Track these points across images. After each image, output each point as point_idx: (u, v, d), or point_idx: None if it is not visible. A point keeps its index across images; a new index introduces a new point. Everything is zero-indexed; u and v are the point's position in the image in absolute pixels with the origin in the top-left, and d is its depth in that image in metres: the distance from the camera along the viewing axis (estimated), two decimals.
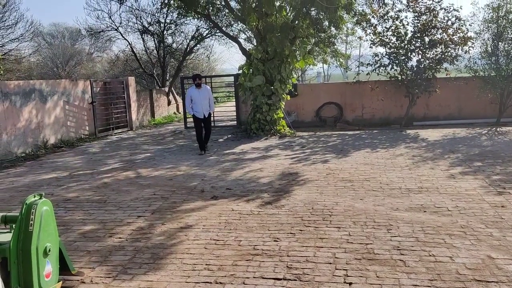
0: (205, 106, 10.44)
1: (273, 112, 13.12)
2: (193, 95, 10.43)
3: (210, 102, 10.57)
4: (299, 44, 12.71)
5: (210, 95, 10.67)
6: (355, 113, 15.50)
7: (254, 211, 5.85)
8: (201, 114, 10.47)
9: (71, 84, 14.04)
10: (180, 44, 22.61)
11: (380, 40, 14.76)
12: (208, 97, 10.54)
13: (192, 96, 10.44)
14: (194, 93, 10.43)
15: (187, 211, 6.02)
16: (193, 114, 10.52)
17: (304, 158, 9.56)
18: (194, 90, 10.45)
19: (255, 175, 8.02)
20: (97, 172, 8.94)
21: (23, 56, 23.64)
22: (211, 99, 10.64)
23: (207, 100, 10.48)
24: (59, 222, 5.69)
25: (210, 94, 10.67)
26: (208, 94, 10.58)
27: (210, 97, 10.61)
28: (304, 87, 17.02)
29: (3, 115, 10.96)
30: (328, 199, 6.30)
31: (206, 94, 10.50)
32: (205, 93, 10.52)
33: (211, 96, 10.74)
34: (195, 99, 10.42)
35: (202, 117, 10.49)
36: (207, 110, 10.53)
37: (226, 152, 10.67)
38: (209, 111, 10.63)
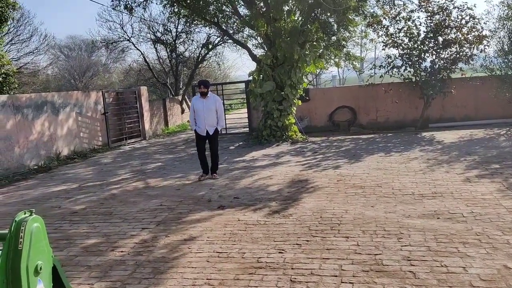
0: (209, 121, 8.39)
1: (284, 118, 12.97)
2: (196, 106, 8.48)
3: (218, 116, 8.46)
4: (309, 48, 12.55)
5: (219, 107, 8.49)
6: (369, 117, 15.23)
7: (260, 221, 5.69)
8: (203, 130, 8.43)
9: (83, 96, 14.13)
10: (193, 52, 22.68)
11: (392, 41, 14.52)
12: (215, 109, 8.39)
13: (195, 107, 8.49)
14: (197, 104, 8.48)
15: (192, 222, 5.89)
16: (195, 129, 8.60)
17: (315, 164, 9.36)
18: (198, 100, 8.53)
19: (264, 183, 7.86)
20: (106, 183, 8.90)
21: (38, 69, 23.97)
22: (220, 112, 8.48)
23: (213, 113, 8.39)
24: (63, 236, 5.64)
25: (218, 106, 8.47)
26: (215, 106, 8.40)
27: (218, 109, 8.44)
28: (317, 91, 16.83)
29: (15, 128, 11.04)
30: (337, 207, 6.11)
31: (211, 106, 8.38)
32: (211, 104, 8.39)
33: (220, 108, 8.54)
34: (197, 111, 8.43)
35: (205, 134, 8.46)
36: (212, 126, 8.43)
37: (236, 160, 10.54)
38: (215, 127, 8.49)
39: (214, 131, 8.46)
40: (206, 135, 8.44)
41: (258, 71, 13.19)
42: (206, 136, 8.45)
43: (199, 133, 8.50)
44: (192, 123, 8.65)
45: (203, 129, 8.44)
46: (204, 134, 8.44)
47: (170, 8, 14.68)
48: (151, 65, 22.65)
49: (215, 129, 8.47)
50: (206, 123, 8.40)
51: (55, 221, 6.35)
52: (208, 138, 8.49)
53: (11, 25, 20.16)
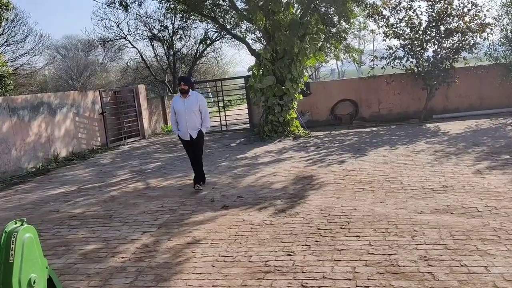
0: (191, 123, 7.26)
1: (286, 113, 12.72)
2: (176, 107, 7.34)
3: (203, 116, 7.37)
4: (309, 41, 12.28)
5: (202, 106, 7.35)
6: (371, 109, 14.98)
7: (266, 221, 5.46)
8: (185, 134, 7.33)
9: (80, 96, 13.86)
10: (190, 49, 22.41)
11: (393, 32, 14.25)
12: (198, 109, 7.29)
13: (175, 108, 7.36)
14: (177, 104, 7.34)
15: (195, 223, 5.66)
16: (178, 134, 7.54)
17: (319, 159, 9.13)
18: (178, 99, 7.38)
19: (268, 181, 7.63)
20: (105, 185, 8.67)
21: (34, 70, 23.69)
22: (204, 112, 7.37)
23: (195, 115, 7.28)
24: (61, 242, 5.41)
25: (201, 105, 7.34)
26: (198, 105, 7.29)
27: (202, 109, 7.33)
28: (317, 85, 16.56)
29: (11, 131, 10.80)
30: (345, 204, 5.87)
31: (194, 106, 7.24)
32: (193, 104, 7.25)
33: (204, 108, 7.38)
34: (178, 113, 7.34)
35: (188, 138, 7.35)
36: (195, 129, 7.30)
37: (238, 157, 10.29)
38: (199, 129, 7.37)
39: (197, 134, 7.36)
40: (190, 139, 7.36)
41: (257, 66, 12.93)
42: (190, 140, 7.38)
43: (182, 137, 7.43)
44: (174, 126, 7.55)
45: (185, 132, 7.33)
46: (188, 138, 7.35)
47: (165, 3, 14.40)
48: (148, 63, 22.37)
49: (198, 132, 7.37)
50: (188, 126, 7.28)
51: (53, 226, 6.12)
52: (191, 143, 7.42)
53: (5, 26, 19.90)
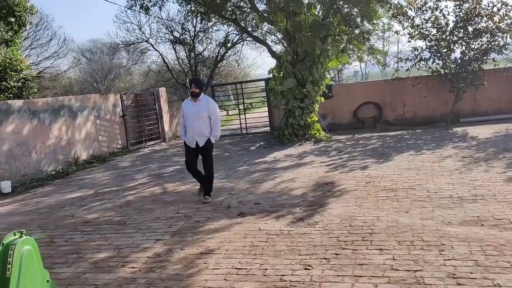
0: (198, 129, 6.69)
1: (307, 116, 12.44)
2: (185, 111, 6.86)
3: (212, 124, 6.78)
4: (331, 42, 11.98)
5: (212, 112, 6.76)
6: (395, 112, 14.54)
7: (283, 231, 5.21)
8: (191, 141, 6.77)
9: (101, 98, 13.88)
10: (212, 52, 22.31)
11: (419, 33, 13.83)
12: (207, 115, 6.71)
13: (184, 112, 6.89)
14: (186, 108, 6.85)
15: (210, 231, 5.46)
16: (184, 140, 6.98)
17: (341, 164, 8.82)
18: (188, 103, 6.89)
19: (287, 187, 7.37)
20: (123, 189, 8.56)
21: (58, 73, 24.00)
22: (214, 119, 6.77)
23: (203, 120, 6.70)
24: (73, 249, 5.28)
25: (212, 111, 6.75)
26: (208, 111, 6.71)
27: (212, 114, 6.75)
28: (340, 88, 16.21)
29: (31, 134, 10.83)
30: (368, 213, 5.58)
31: (202, 111, 6.69)
32: (202, 109, 6.70)
33: (214, 114, 6.79)
34: (186, 117, 6.83)
35: (194, 146, 6.78)
36: (202, 136, 6.72)
37: (257, 161, 10.07)
38: (208, 137, 6.79)
39: (205, 143, 6.77)
40: (196, 147, 6.77)
41: (278, 68, 12.69)
42: (196, 148, 6.79)
43: (188, 144, 6.83)
44: (182, 131, 7.04)
45: (191, 139, 6.76)
46: (194, 145, 6.76)
47: (186, 6, 14.30)
48: (170, 66, 22.38)
49: (206, 140, 6.76)
50: (195, 132, 6.70)
51: (66, 232, 6.01)
52: (199, 151, 6.85)
53: (30, 30, 20.21)
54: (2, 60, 14.70)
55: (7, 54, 14.91)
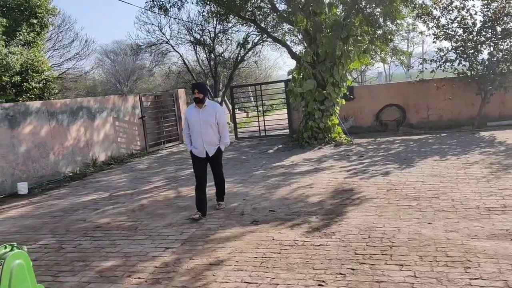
0: (207, 138, 6.22)
1: (327, 119, 12.12)
2: (190, 119, 6.33)
3: (220, 131, 6.35)
4: (352, 43, 11.63)
5: (220, 118, 6.30)
6: (419, 115, 14.09)
7: (298, 241, 4.95)
8: (201, 151, 6.29)
9: (120, 100, 13.85)
10: (232, 53, 22.19)
11: (444, 33, 13.34)
12: (215, 122, 6.25)
13: (189, 120, 6.36)
14: (191, 116, 6.32)
15: (221, 240, 5.24)
16: (191, 150, 6.43)
17: (361, 170, 8.50)
18: (192, 110, 6.33)
19: (303, 193, 7.10)
20: (137, 192, 8.43)
21: (80, 74, 24.24)
22: (222, 126, 6.34)
23: (212, 128, 6.24)
24: (81, 256, 5.13)
25: (219, 117, 6.29)
26: (215, 117, 6.23)
27: (220, 121, 6.29)
28: (362, 89, 15.81)
29: (49, 135, 10.84)
30: (388, 224, 5.27)
31: (210, 118, 6.20)
32: (209, 115, 6.21)
33: (222, 120, 6.35)
34: (192, 125, 6.31)
35: (204, 156, 6.31)
36: (212, 145, 6.29)
37: (274, 165, 9.82)
38: (217, 146, 6.38)
39: (216, 151, 6.36)
40: (206, 157, 6.32)
41: (298, 69, 12.42)
42: (206, 158, 6.34)
43: (196, 154, 6.33)
44: (187, 141, 6.51)
45: (200, 149, 6.27)
46: (203, 155, 6.29)
47: (204, 6, 14.17)
48: (190, 67, 22.33)
49: (217, 149, 6.37)
50: (205, 141, 6.24)
51: (76, 238, 5.88)
52: (208, 161, 6.41)
53: (52, 31, 20.44)
54: (24, 62, 14.85)
55: (28, 55, 15.06)
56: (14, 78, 14.36)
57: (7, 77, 14.22)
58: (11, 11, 15.30)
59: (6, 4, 15.19)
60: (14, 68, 14.26)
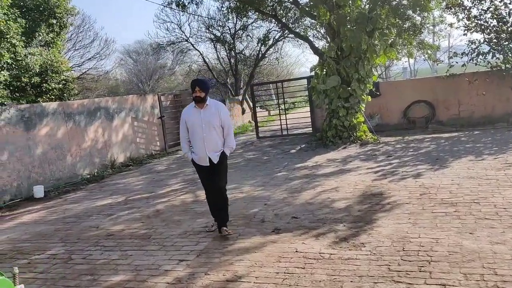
0: (211, 143, 5.30)
1: (352, 117, 11.56)
2: (189, 121, 5.38)
3: (225, 134, 5.42)
4: (378, 36, 11.03)
5: (225, 120, 5.40)
6: (449, 112, 13.38)
7: (324, 254, 4.48)
8: (203, 158, 5.36)
9: (139, 100, 13.58)
10: (253, 50, 21.76)
11: (476, 24, 12.63)
12: (219, 123, 5.35)
13: (188, 123, 5.41)
14: (190, 117, 5.38)
15: (240, 251, 4.81)
16: (191, 158, 5.50)
17: (390, 171, 7.95)
18: (192, 110, 5.40)
19: (328, 197, 6.61)
20: (154, 196, 8.09)
21: (101, 74, 24.20)
22: (227, 128, 5.43)
23: (216, 131, 5.34)
24: (89, 268, 4.78)
25: (224, 117, 5.39)
26: (219, 119, 5.34)
27: (224, 123, 5.39)
28: (388, 85, 15.16)
29: (66, 137, 10.61)
30: (424, 234, 4.74)
31: (214, 120, 5.31)
32: (212, 116, 5.31)
33: (227, 122, 5.43)
34: (192, 128, 5.37)
35: (207, 164, 5.37)
36: (216, 151, 5.35)
37: (297, 166, 9.34)
38: (221, 151, 5.41)
39: (220, 157, 5.39)
40: (210, 164, 5.37)
41: (321, 66, 11.89)
42: (211, 166, 5.39)
43: (198, 163, 5.44)
44: (185, 147, 5.55)
45: (203, 156, 5.34)
46: (207, 163, 5.36)
47: (223, 2, 13.77)
48: (210, 66, 22.00)
49: (221, 154, 5.40)
50: (207, 147, 5.28)
51: (87, 247, 5.54)
52: (212, 169, 5.42)
53: (73, 31, 20.38)
54: (43, 62, 14.73)
55: (48, 56, 14.94)
56: (34, 79, 14.25)
57: (27, 78, 14.11)
58: (30, 11, 15.20)
59: (25, 5, 15.09)
60: (34, 69, 14.14)
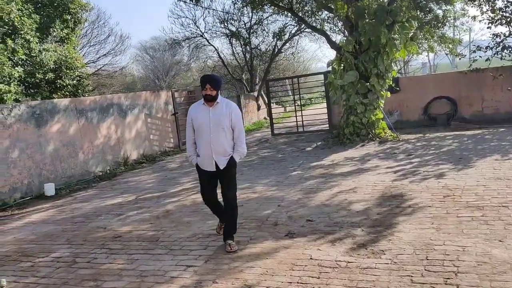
0: (218, 146, 4.68)
1: (370, 113, 11.16)
2: (196, 120, 4.74)
3: (236, 137, 4.79)
4: (398, 30, 10.60)
5: (236, 121, 4.76)
6: (472, 108, 12.86)
7: (340, 262, 4.17)
8: (209, 163, 4.76)
9: (152, 96, 13.39)
10: (269, 45, 21.42)
11: (501, 17, 12.09)
12: (229, 124, 4.71)
13: (194, 122, 4.77)
14: (198, 116, 4.73)
15: (250, 258, 4.53)
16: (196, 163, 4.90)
17: (411, 171, 7.56)
18: (200, 108, 4.76)
19: (345, 199, 6.28)
20: (164, 195, 7.86)
21: (116, 70, 24.14)
22: (238, 130, 4.79)
23: (225, 133, 4.71)
24: (93, 274, 4.55)
25: (235, 119, 4.74)
26: (230, 119, 4.70)
27: (235, 124, 4.75)
28: (408, 81, 14.66)
29: (78, 133, 10.46)
30: (449, 241, 4.39)
31: (223, 120, 4.67)
32: (222, 116, 4.67)
33: (239, 123, 4.79)
34: (199, 128, 4.73)
35: (212, 169, 4.77)
36: (224, 155, 4.74)
37: (312, 165, 9.01)
38: (230, 155, 4.78)
39: (228, 163, 4.76)
40: (216, 170, 4.76)
41: (338, 60, 11.50)
42: (217, 172, 4.78)
43: (203, 167, 4.81)
44: (190, 149, 4.92)
45: (208, 160, 4.72)
46: (213, 168, 4.75)
47: None
48: (225, 61, 21.73)
49: (229, 160, 4.77)
50: (214, 150, 4.67)
51: (92, 250, 5.32)
52: (219, 175, 4.83)
53: (88, 27, 20.33)
54: (58, 58, 14.66)
55: (62, 52, 14.86)
56: (48, 75, 14.19)
57: (41, 74, 14.05)
58: (45, 7, 15.13)
59: (39, 0, 15.02)
60: (48, 65, 14.08)
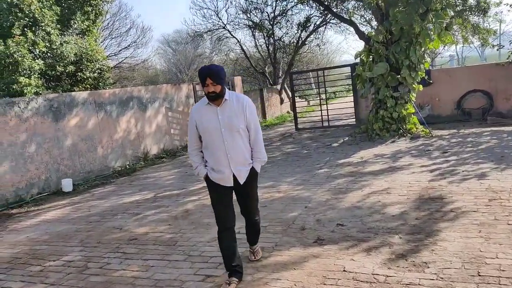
0: (237, 153, 3.69)
1: (401, 107, 10.55)
2: (201, 124, 3.69)
3: (253, 139, 3.78)
4: (432, 18, 9.94)
5: (252, 119, 3.73)
6: (510, 103, 12.10)
7: (378, 276, 3.69)
8: (226, 176, 3.72)
9: (173, 89, 13.06)
10: (293, 37, 20.87)
11: None
12: (245, 125, 3.70)
13: (199, 126, 3.71)
14: (203, 119, 3.68)
15: (276, 267, 4.09)
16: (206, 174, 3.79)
17: (448, 170, 6.99)
18: (204, 110, 3.70)
19: (379, 201, 5.77)
20: (184, 193, 7.48)
21: (137, 63, 23.93)
22: (254, 130, 3.76)
23: (241, 136, 3.70)
24: (104, 282, 4.18)
25: (250, 117, 3.71)
26: (245, 118, 3.69)
27: (251, 122, 3.72)
28: (440, 73, 13.91)
29: (97, 127, 10.18)
30: (502, 253, 3.86)
31: (237, 120, 3.65)
32: (235, 115, 3.66)
33: (255, 121, 3.75)
34: (208, 133, 3.68)
35: (231, 184, 3.76)
36: (243, 165, 3.74)
37: (340, 162, 8.49)
38: (251, 165, 3.78)
39: (249, 175, 3.79)
40: (235, 185, 3.77)
41: (367, 52, 10.91)
42: (235, 187, 3.80)
43: (217, 182, 3.75)
44: (195, 160, 3.86)
45: (225, 173, 3.71)
46: (230, 183, 3.75)
47: None
48: (248, 54, 21.27)
49: (250, 171, 3.78)
50: (232, 160, 3.68)
51: (106, 253, 4.97)
52: (237, 190, 3.86)
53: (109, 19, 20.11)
54: (78, 51, 14.42)
55: (83, 44, 14.63)
56: (69, 68, 13.97)
57: (62, 67, 13.83)
58: None
59: None
60: (69, 58, 13.85)
